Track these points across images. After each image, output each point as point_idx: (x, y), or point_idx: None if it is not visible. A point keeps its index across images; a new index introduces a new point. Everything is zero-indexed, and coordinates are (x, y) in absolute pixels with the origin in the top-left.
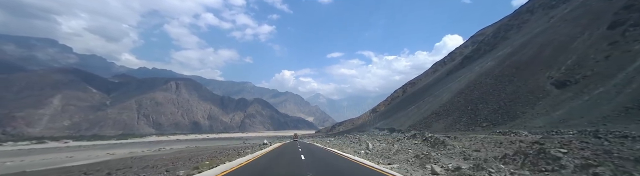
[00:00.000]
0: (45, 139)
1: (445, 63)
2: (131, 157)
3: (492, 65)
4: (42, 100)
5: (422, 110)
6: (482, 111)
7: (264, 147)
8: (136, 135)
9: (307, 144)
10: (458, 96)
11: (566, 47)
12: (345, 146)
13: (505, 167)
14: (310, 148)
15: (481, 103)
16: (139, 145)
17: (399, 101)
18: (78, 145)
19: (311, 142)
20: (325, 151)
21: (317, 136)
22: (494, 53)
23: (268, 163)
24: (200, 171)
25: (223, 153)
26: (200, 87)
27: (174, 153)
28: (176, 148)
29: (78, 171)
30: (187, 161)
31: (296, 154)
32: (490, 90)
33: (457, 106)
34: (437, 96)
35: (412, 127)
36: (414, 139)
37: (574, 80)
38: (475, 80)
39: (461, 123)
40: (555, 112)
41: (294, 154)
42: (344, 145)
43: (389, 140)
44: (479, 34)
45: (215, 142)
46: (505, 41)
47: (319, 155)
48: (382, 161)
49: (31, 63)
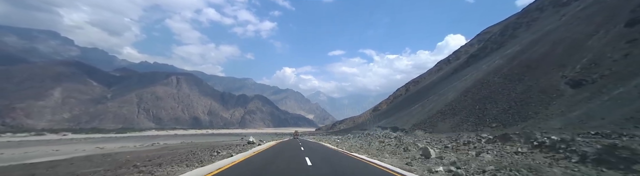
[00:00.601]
0: (45, 131)
1: (450, 62)
2: (102, 154)
3: (500, 64)
4: (42, 92)
5: (426, 109)
6: (491, 111)
7: (246, 149)
8: (136, 129)
9: (313, 144)
10: (464, 95)
11: (580, 45)
12: (379, 151)
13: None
14: (328, 157)
15: (489, 103)
16: (134, 139)
17: (402, 100)
18: (71, 138)
19: (316, 141)
20: (365, 166)
21: (317, 133)
22: (502, 52)
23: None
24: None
25: (196, 154)
26: (200, 82)
27: (151, 150)
28: (171, 144)
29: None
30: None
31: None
32: (499, 89)
33: (463, 105)
34: (442, 95)
35: (416, 126)
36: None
37: (591, 79)
38: (482, 79)
39: (469, 123)
40: (572, 112)
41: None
42: (371, 148)
43: (456, 145)
44: (485, 32)
45: (213, 138)
46: (513, 39)
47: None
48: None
49: (33, 55)
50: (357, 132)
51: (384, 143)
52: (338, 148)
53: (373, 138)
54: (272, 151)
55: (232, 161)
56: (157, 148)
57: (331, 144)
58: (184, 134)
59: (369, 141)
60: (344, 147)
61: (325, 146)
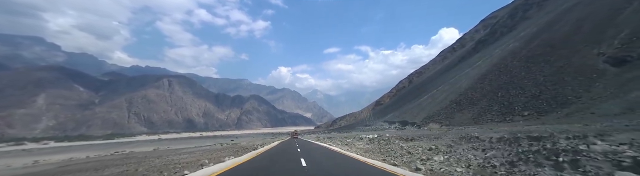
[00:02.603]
0: (26, 140)
1: (455, 50)
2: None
3: (516, 47)
4: (24, 99)
5: (438, 100)
6: (518, 97)
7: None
8: (126, 134)
9: (322, 153)
10: (481, 82)
11: (611, 20)
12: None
13: None
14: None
15: (514, 89)
16: (106, 146)
17: (406, 92)
18: (31, 148)
19: (323, 144)
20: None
21: (317, 132)
22: (515, 35)
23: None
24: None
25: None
26: (194, 84)
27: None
28: (138, 152)
29: None
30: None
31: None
32: (521, 73)
33: (482, 93)
34: (453, 84)
35: (429, 118)
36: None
37: (637, 55)
38: (498, 64)
39: (493, 112)
40: (627, 94)
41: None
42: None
43: None
44: (491, 17)
45: (201, 141)
46: (526, 21)
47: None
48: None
49: (16, 62)
50: (361, 128)
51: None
52: (375, 161)
53: (389, 140)
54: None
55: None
56: (111, 158)
57: (352, 150)
58: (175, 138)
59: (386, 142)
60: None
61: (346, 157)
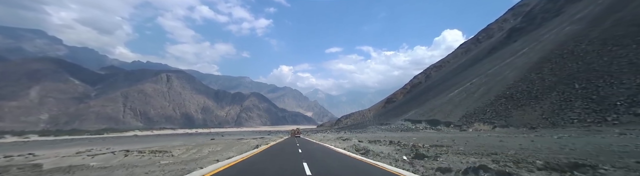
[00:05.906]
0: (7, 134)
1: (480, 41)
2: None
3: (577, 29)
4: (17, 91)
5: (476, 95)
6: (613, 89)
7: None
8: (119, 129)
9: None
10: (536, 72)
11: None
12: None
13: None
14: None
15: (597, 78)
16: (80, 142)
17: (424, 87)
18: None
19: (334, 146)
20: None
21: (321, 131)
22: (567, 18)
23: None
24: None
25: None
26: (193, 79)
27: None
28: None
29: None
30: None
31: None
32: (603, 59)
33: (544, 85)
34: (493, 75)
35: (470, 117)
36: None
37: None
38: (558, 49)
39: (576, 109)
40: None
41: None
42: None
43: None
44: (521, 4)
45: (191, 138)
46: (576, 3)
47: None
48: None
49: (16, 55)
50: (377, 127)
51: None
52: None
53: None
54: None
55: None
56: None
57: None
58: (166, 134)
59: None
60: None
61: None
